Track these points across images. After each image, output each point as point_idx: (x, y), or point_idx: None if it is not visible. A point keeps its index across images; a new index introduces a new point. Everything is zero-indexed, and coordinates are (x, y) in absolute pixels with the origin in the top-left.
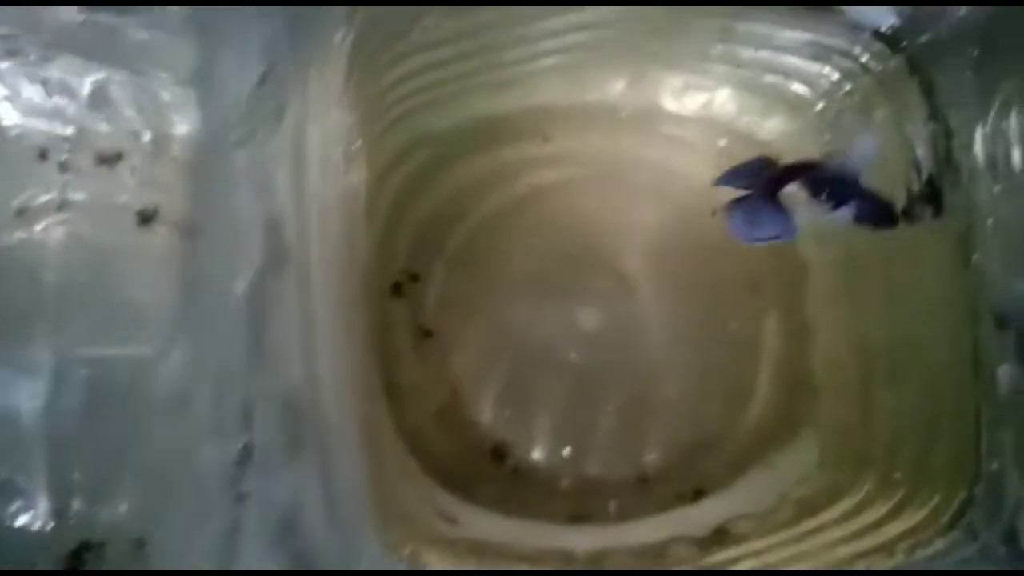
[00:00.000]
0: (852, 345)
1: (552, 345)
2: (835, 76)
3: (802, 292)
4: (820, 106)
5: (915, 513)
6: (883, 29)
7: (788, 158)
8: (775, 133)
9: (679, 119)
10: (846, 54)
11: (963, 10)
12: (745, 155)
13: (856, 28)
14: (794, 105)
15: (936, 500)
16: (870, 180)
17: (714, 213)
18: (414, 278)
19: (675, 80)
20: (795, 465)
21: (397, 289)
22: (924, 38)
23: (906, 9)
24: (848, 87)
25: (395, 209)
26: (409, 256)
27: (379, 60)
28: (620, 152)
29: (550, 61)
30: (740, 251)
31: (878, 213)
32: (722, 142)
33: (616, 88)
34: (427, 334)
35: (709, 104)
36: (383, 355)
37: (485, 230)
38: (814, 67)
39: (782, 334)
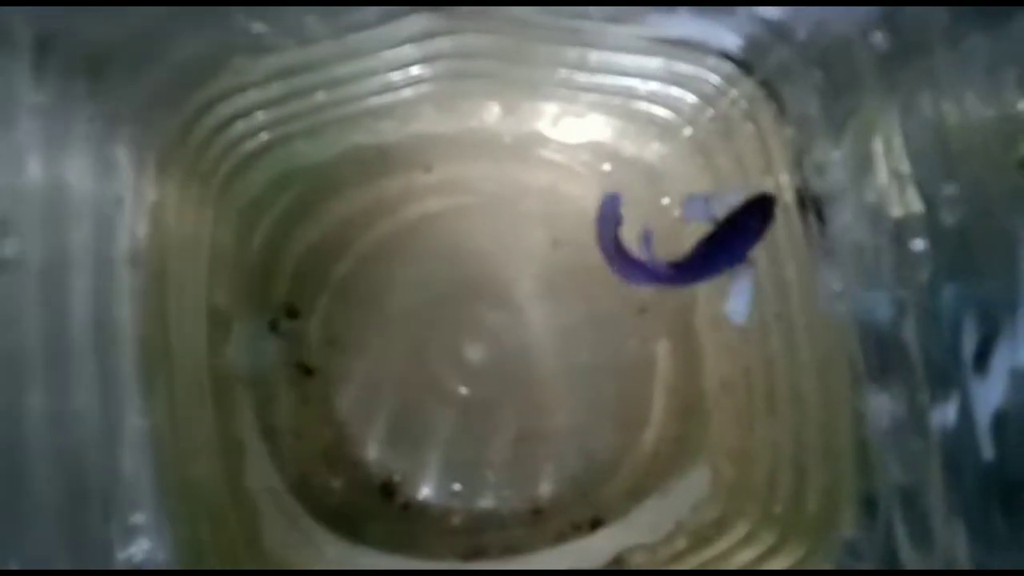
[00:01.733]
0: (739, 371)
1: (440, 378)
2: (693, 99)
3: (691, 316)
4: (688, 131)
5: (794, 551)
6: (729, 51)
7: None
8: (655, 157)
9: (561, 145)
10: (698, 78)
11: (804, 33)
12: (630, 179)
13: (703, 51)
14: (664, 129)
15: (810, 540)
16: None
17: None
18: (293, 314)
19: (550, 107)
20: (689, 492)
21: (275, 326)
22: (772, 61)
23: (751, 30)
24: (710, 112)
25: (269, 245)
26: (288, 292)
27: (178, 109)
28: (505, 179)
29: (411, 92)
30: None
31: (762, 219)
32: (607, 166)
33: (492, 116)
34: (308, 372)
35: (587, 130)
36: (259, 397)
37: (369, 262)
38: (673, 91)
39: (673, 359)
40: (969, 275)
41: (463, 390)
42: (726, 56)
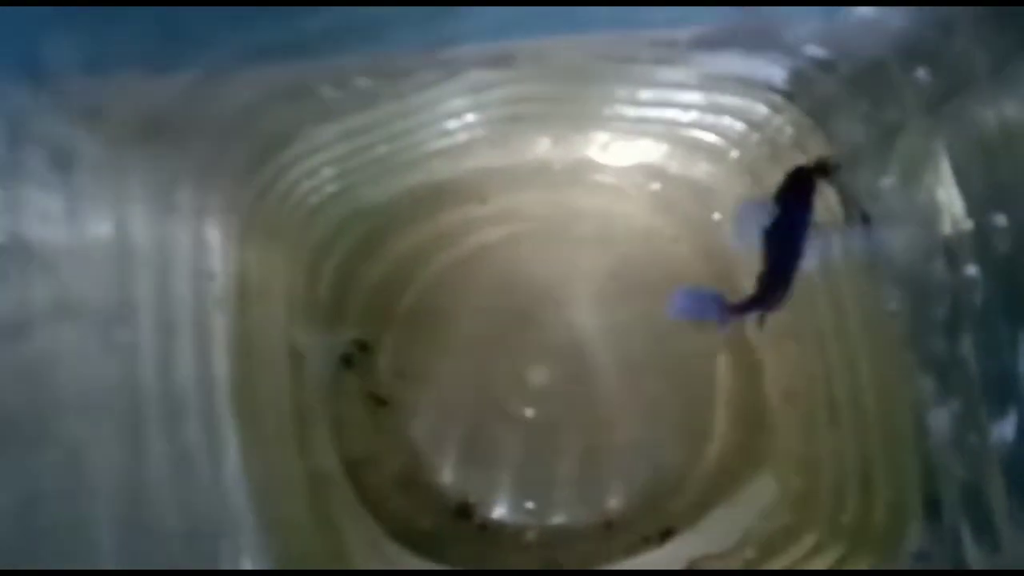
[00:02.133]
0: (800, 381)
1: (506, 402)
2: (740, 127)
3: (746, 329)
4: (735, 153)
5: (863, 561)
6: (774, 84)
7: (721, 199)
8: (703, 174)
9: (610, 169)
10: (744, 109)
11: (847, 67)
12: (679, 197)
13: (749, 84)
14: (711, 152)
15: (879, 551)
16: None
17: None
18: (364, 348)
19: (599, 135)
20: (757, 502)
21: (348, 361)
22: (817, 92)
23: (795, 64)
24: (757, 136)
25: (337, 284)
26: (358, 327)
27: (257, 176)
28: (558, 205)
29: (465, 135)
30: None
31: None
32: (655, 186)
33: (543, 147)
34: (381, 403)
35: (635, 153)
36: (337, 429)
37: (432, 294)
38: (720, 120)
39: (734, 372)
40: (1018, 301)
41: (529, 412)
42: (772, 88)
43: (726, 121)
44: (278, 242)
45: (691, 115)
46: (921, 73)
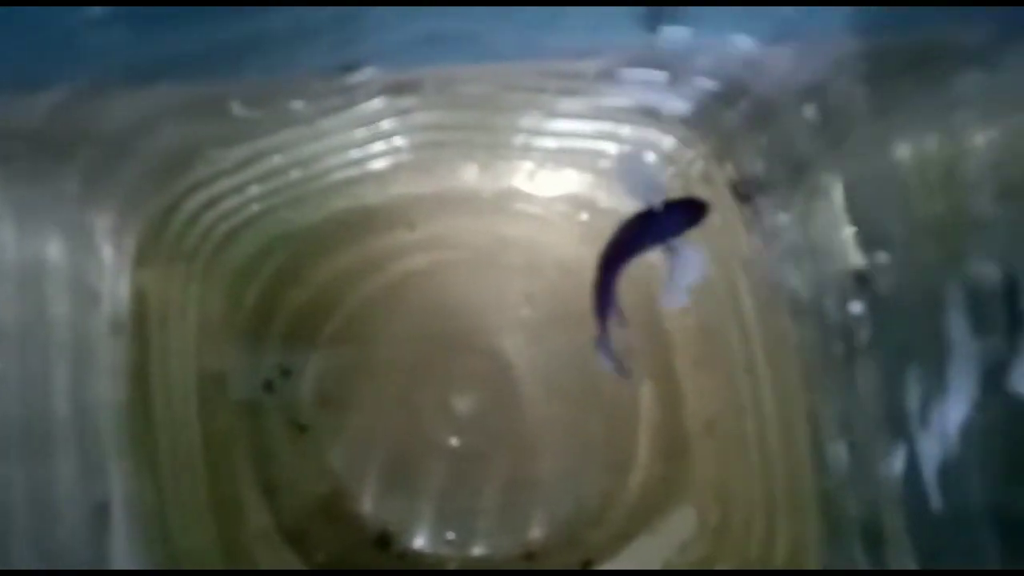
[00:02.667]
0: (719, 413)
1: (430, 430)
2: (652, 159)
3: (670, 360)
4: None
5: None
6: (680, 117)
7: None
8: (630, 206)
9: (538, 199)
10: (654, 142)
11: (746, 103)
12: (608, 227)
13: (655, 116)
14: None
15: None
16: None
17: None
18: (286, 373)
19: (525, 164)
20: (677, 533)
21: (269, 386)
22: (721, 126)
23: (698, 98)
24: (672, 170)
25: (260, 308)
26: (281, 352)
27: (156, 196)
28: (486, 233)
29: (387, 161)
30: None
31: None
32: (584, 216)
33: (470, 175)
34: (302, 429)
35: (562, 183)
36: (256, 456)
37: (357, 320)
38: (634, 152)
39: (657, 402)
40: (904, 338)
41: (453, 440)
42: (680, 121)
43: (640, 154)
44: (188, 265)
45: (605, 145)
46: (811, 111)
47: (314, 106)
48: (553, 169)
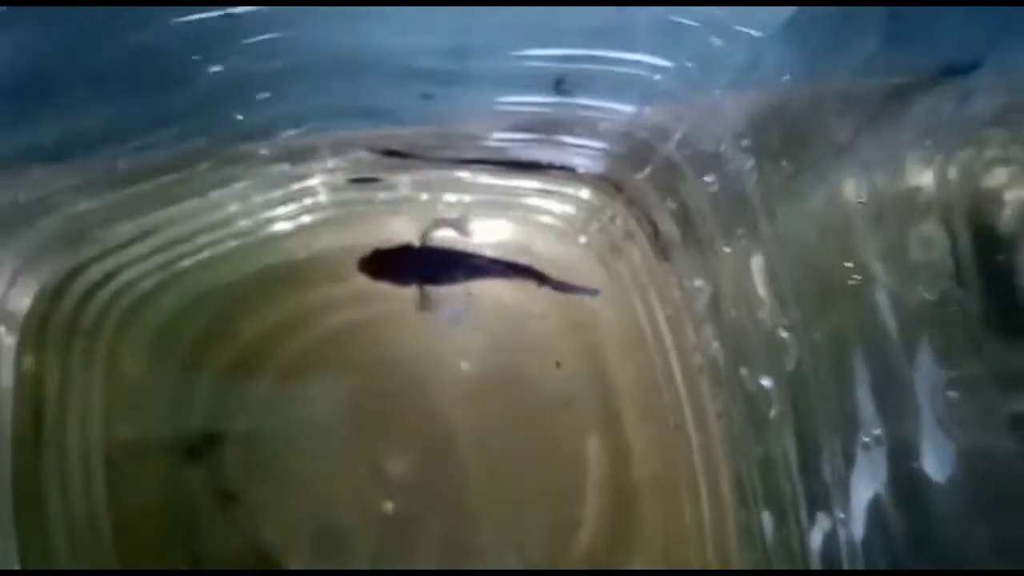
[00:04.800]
0: (666, 467)
1: (364, 494)
2: (574, 213)
3: (617, 406)
4: (583, 239)
5: None
6: (597, 175)
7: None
8: (564, 254)
9: (474, 246)
10: (577, 197)
11: (649, 169)
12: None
13: (572, 173)
14: (563, 235)
15: None
16: None
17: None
18: (212, 439)
19: (452, 215)
20: None
21: (194, 454)
22: (632, 186)
23: (607, 159)
24: (595, 225)
25: (184, 370)
26: (205, 416)
27: (45, 275)
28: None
29: (309, 218)
30: (552, 371)
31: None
32: (521, 262)
33: (401, 226)
34: (230, 498)
35: (496, 233)
36: (181, 527)
37: (287, 379)
38: (555, 206)
39: (604, 455)
40: (811, 411)
41: (387, 505)
42: (598, 179)
43: (565, 208)
44: (89, 341)
45: (531, 200)
46: (711, 180)
47: (210, 178)
48: (485, 221)
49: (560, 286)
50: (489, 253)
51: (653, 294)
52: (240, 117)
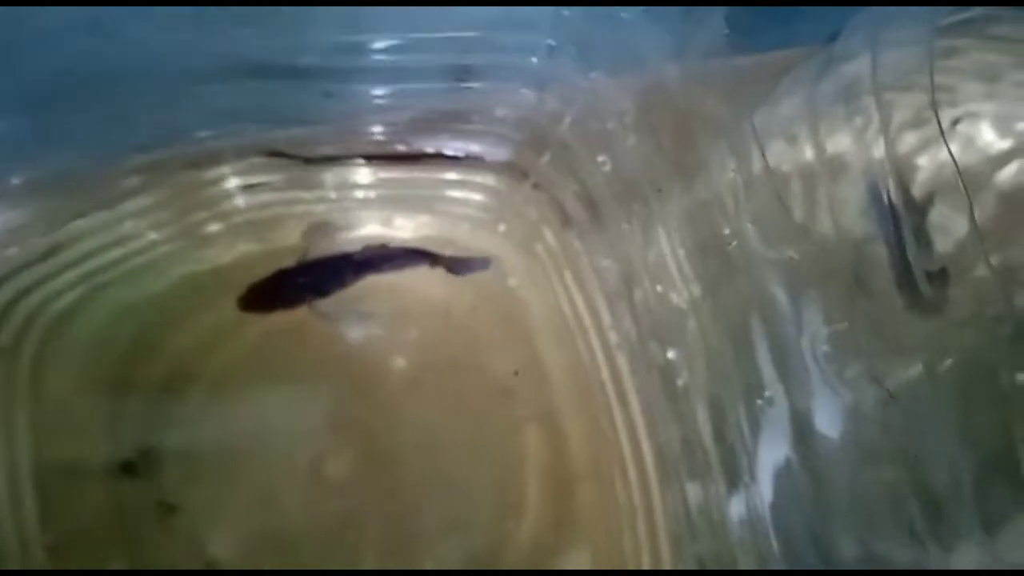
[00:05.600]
0: (599, 453)
1: (304, 496)
2: (483, 199)
3: (553, 400)
4: (502, 227)
5: None
6: (503, 161)
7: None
8: (488, 244)
9: (398, 240)
10: (486, 185)
11: (549, 155)
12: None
13: (477, 161)
14: (483, 224)
15: None
16: None
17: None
18: (147, 453)
19: (371, 214)
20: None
21: (130, 469)
22: (537, 170)
23: (511, 144)
24: (509, 212)
25: (114, 386)
26: (140, 430)
27: None
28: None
29: (220, 226)
30: (487, 361)
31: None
32: (447, 253)
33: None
34: (170, 509)
35: (419, 227)
36: (124, 543)
37: (220, 387)
38: (468, 196)
39: (543, 443)
40: (716, 380)
41: (328, 505)
42: (507, 165)
43: (478, 197)
44: (8, 361)
45: (445, 190)
46: (604, 160)
47: (111, 190)
48: (407, 215)
49: (453, 263)
50: (375, 246)
51: (570, 277)
52: (143, 125)
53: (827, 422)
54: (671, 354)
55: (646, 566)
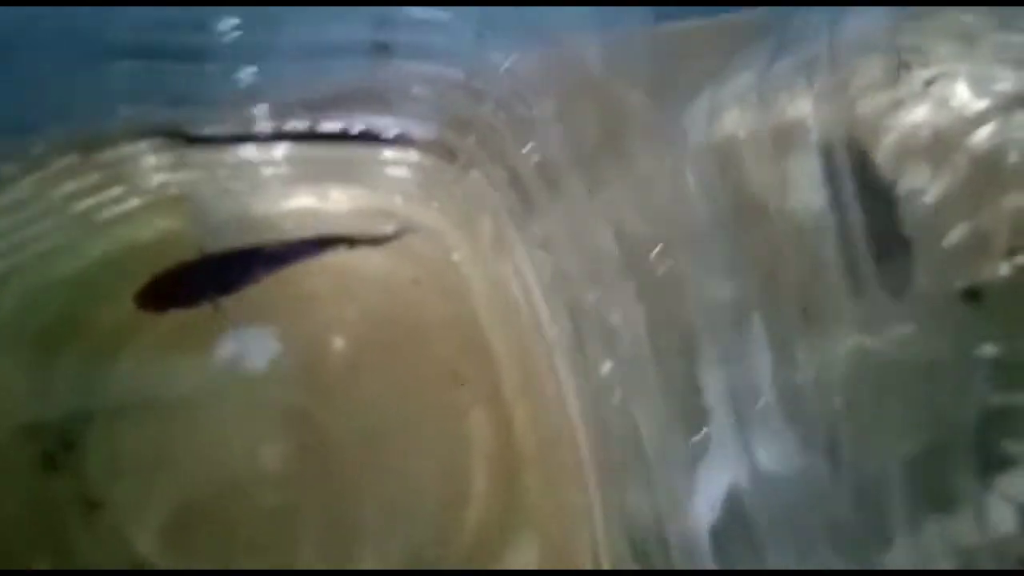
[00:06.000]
0: (545, 436)
1: (239, 490)
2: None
3: (499, 382)
4: (436, 204)
5: None
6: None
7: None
8: (430, 218)
9: (338, 215)
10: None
11: (474, 137)
12: (414, 240)
13: (404, 139)
14: (419, 198)
15: None
16: None
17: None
18: (69, 445)
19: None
20: (524, 558)
21: (51, 462)
22: (467, 151)
23: (439, 120)
24: (443, 191)
25: (32, 374)
26: (61, 420)
27: None
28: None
29: (143, 199)
30: (431, 344)
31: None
32: (389, 228)
33: (252, 199)
34: (95, 505)
35: (358, 201)
36: (43, 542)
37: (147, 373)
38: (398, 175)
39: (488, 427)
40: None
41: (264, 498)
42: (433, 144)
43: (408, 175)
44: None
45: (381, 171)
46: (530, 147)
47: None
48: (343, 189)
49: (372, 241)
50: (286, 236)
51: (508, 262)
52: (39, 106)
53: (772, 448)
54: (606, 367)
55: (597, 554)
